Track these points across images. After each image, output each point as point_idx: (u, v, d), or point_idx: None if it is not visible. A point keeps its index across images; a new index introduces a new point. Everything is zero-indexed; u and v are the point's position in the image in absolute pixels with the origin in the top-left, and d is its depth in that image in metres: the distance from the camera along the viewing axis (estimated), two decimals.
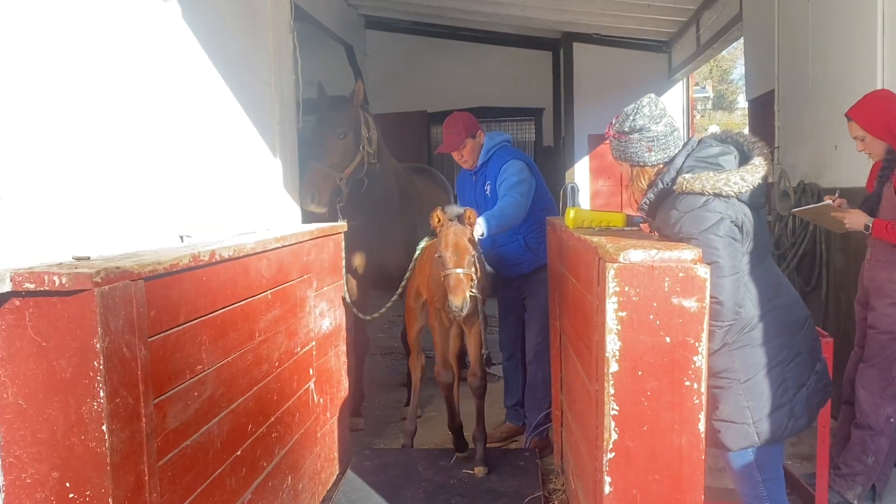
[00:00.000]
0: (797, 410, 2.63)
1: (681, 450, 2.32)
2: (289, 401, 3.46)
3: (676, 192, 2.62)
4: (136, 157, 2.81)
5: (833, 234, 5.10)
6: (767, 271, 2.68)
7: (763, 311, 2.61)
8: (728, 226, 2.51)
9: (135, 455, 2.07)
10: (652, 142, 2.70)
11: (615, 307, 2.30)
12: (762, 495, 2.72)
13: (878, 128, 3.66)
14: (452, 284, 3.57)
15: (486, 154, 4.53)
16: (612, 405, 2.33)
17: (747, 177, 2.54)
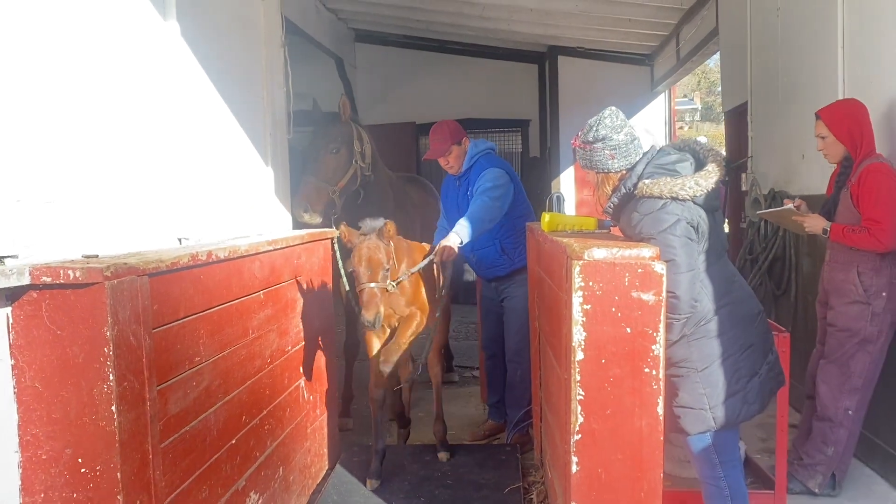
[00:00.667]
0: (750, 397, 2.84)
1: (641, 431, 2.53)
2: (280, 396, 3.65)
3: (637, 196, 2.84)
4: (138, 164, 3.02)
5: (801, 240, 5.34)
6: (722, 269, 2.89)
7: (718, 306, 2.82)
8: (684, 226, 2.73)
9: (140, 435, 2.27)
10: (614, 150, 2.91)
11: (580, 300, 2.52)
12: (719, 476, 2.94)
13: (841, 131, 3.88)
14: (365, 299, 3.56)
15: (470, 160, 4.75)
16: (579, 391, 2.54)
17: (701, 182, 2.76)
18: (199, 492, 2.71)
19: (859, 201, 3.73)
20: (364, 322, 3.55)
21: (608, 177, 2.99)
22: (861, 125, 3.82)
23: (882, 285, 3.77)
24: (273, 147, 4.44)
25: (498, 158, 4.83)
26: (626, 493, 2.55)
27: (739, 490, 2.98)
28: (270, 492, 3.46)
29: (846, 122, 3.85)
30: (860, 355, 3.85)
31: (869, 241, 3.65)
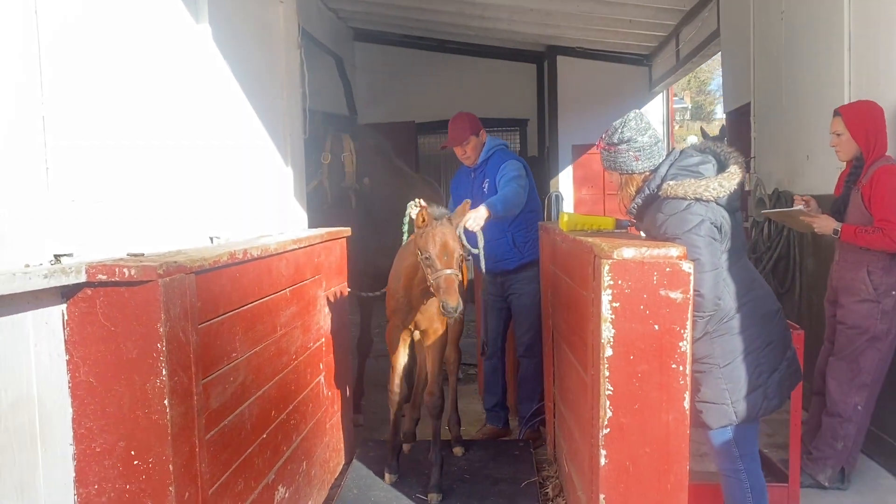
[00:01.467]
0: (770, 392, 2.94)
1: (668, 426, 2.62)
2: (304, 392, 3.73)
3: (662, 198, 2.94)
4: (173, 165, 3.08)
5: (805, 239, 5.45)
6: (743, 268, 2.99)
7: (739, 304, 2.92)
8: (708, 227, 2.82)
9: (189, 429, 2.34)
10: (639, 152, 3.02)
11: (609, 298, 2.60)
12: (740, 469, 3.03)
13: (858, 130, 3.97)
14: (445, 285, 3.42)
15: (487, 153, 4.86)
16: (608, 386, 2.63)
17: (725, 183, 2.86)
18: (235, 485, 2.78)
19: (871, 202, 3.82)
20: (447, 309, 3.40)
21: (632, 178, 3.08)
22: (878, 127, 3.92)
23: (892, 284, 3.88)
24: (292, 147, 4.51)
25: (515, 154, 4.94)
26: (654, 486, 2.63)
27: (758, 482, 3.07)
28: (295, 486, 3.53)
29: (865, 122, 3.95)
30: (869, 352, 3.95)
31: (883, 241, 3.75)
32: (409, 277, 3.78)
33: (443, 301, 3.41)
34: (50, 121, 2.26)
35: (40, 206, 2.21)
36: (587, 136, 11.87)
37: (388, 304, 4.04)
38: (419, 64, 12.21)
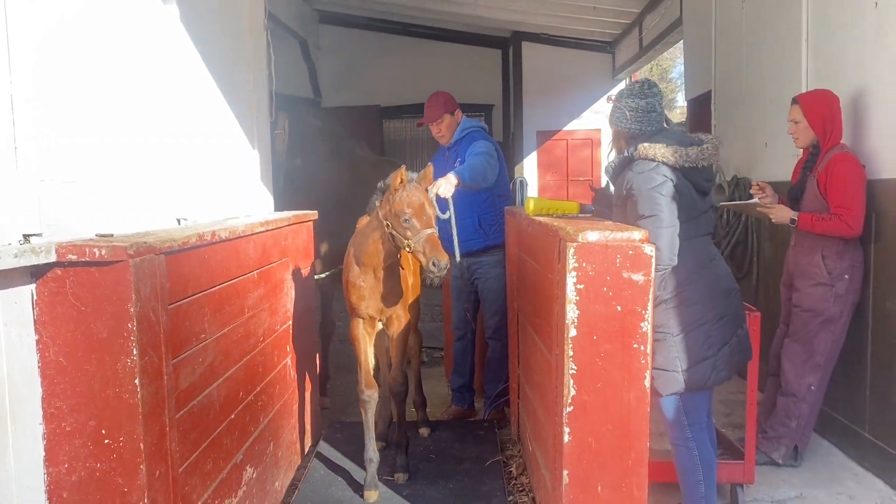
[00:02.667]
0: (720, 364, 3.09)
1: (630, 404, 2.71)
2: (271, 374, 3.75)
3: (635, 159, 3.13)
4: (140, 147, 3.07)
5: (763, 225, 5.59)
6: (704, 245, 3.15)
7: (696, 277, 3.09)
8: (670, 187, 3.02)
9: (159, 408, 2.36)
10: (633, 112, 3.22)
11: (574, 280, 2.67)
12: (688, 437, 3.19)
13: (815, 118, 4.08)
14: (431, 244, 3.34)
15: (462, 132, 4.94)
16: (572, 365, 2.70)
17: (692, 154, 3.06)
18: (205, 464, 2.80)
19: (827, 189, 3.95)
20: (440, 266, 3.30)
21: (619, 136, 3.30)
22: (834, 115, 4.04)
23: (845, 268, 4.02)
24: (259, 130, 4.50)
25: (489, 136, 4.99)
26: (616, 462, 2.72)
27: (707, 452, 3.22)
28: (263, 466, 3.56)
29: (822, 110, 4.06)
30: (823, 334, 4.09)
31: (840, 227, 3.88)
32: (376, 256, 3.66)
33: (432, 259, 3.31)
34: (18, 101, 2.26)
35: (9, 187, 2.21)
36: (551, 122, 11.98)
37: (349, 298, 3.86)
38: (384, 48, 12.18)
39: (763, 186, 4.28)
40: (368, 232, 3.68)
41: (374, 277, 3.75)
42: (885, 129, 4.04)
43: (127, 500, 2.27)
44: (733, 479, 3.73)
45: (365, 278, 3.76)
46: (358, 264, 3.76)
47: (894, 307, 3.93)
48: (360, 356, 3.94)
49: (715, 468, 3.27)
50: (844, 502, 3.85)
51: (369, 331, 3.94)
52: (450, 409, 5.25)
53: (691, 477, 3.22)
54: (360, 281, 3.77)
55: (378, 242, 3.61)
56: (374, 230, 3.62)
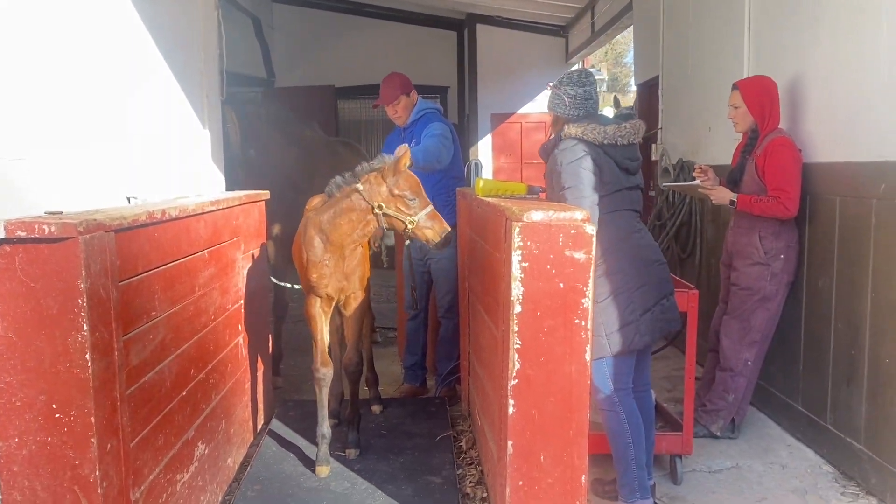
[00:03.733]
0: (642, 329, 3.26)
1: (571, 376, 2.81)
2: (223, 352, 3.78)
3: (562, 138, 3.33)
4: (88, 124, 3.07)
5: (706, 206, 5.77)
6: (627, 219, 3.34)
7: (619, 247, 3.28)
8: (590, 162, 3.23)
9: (110, 382, 2.39)
10: (571, 99, 3.38)
11: (519, 258, 2.76)
12: (615, 401, 3.35)
13: (754, 104, 4.24)
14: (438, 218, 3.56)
15: (417, 113, 4.99)
16: (516, 340, 2.80)
17: (609, 130, 3.26)
18: (156, 439, 2.84)
19: (765, 172, 4.11)
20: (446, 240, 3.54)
21: (558, 121, 3.45)
22: (772, 100, 4.20)
23: (781, 248, 4.19)
24: (210, 109, 4.50)
25: (444, 118, 5.05)
26: (558, 432, 2.83)
27: (633, 415, 3.38)
28: (215, 442, 3.60)
29: (760, 96, 4.22)
30: (760, 312, 4.27)
31: (777, 209, 4.04)
32: (350, 235, 3.64)
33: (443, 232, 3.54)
34: None
35: None
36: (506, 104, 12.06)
37: (308, 276, 3.81)
38: (339, 28, 12.12)
39: (705, 170, 4.43)
40: (342, 211, 3.63)
41: (339, 256, 3.75)
42: (819, 115, 4.21)
43: (78, 473, 2.31)
44: (672, 450, 3.89)
45: (330, 257, 3.74)
46: (324, 242, 3.72)
47: (826, 286, 4.12)
48: (315, 334, 3.96)
49: (643, 431, 3.41)
50: (777, 472, 4.04)
51: (325, 310, 3.96)
52: (402, 386, 5.33)
53: (620, 439, 3.37)
54: (325, 259, 3.75)
55: (356, 223, 3.61)
56: (350, 210, 3.59)
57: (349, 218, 3.61)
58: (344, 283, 3.84)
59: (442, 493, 3.59)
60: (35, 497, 2.31)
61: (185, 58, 4.22)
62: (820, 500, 3.72)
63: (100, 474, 2.32)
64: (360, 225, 3.62)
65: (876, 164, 3.65)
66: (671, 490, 3.84)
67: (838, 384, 4.02)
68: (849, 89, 3.91)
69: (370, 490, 3.63)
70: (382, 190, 3.53)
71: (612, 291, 3.25)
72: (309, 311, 3.95)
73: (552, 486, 2.84)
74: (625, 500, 3.40)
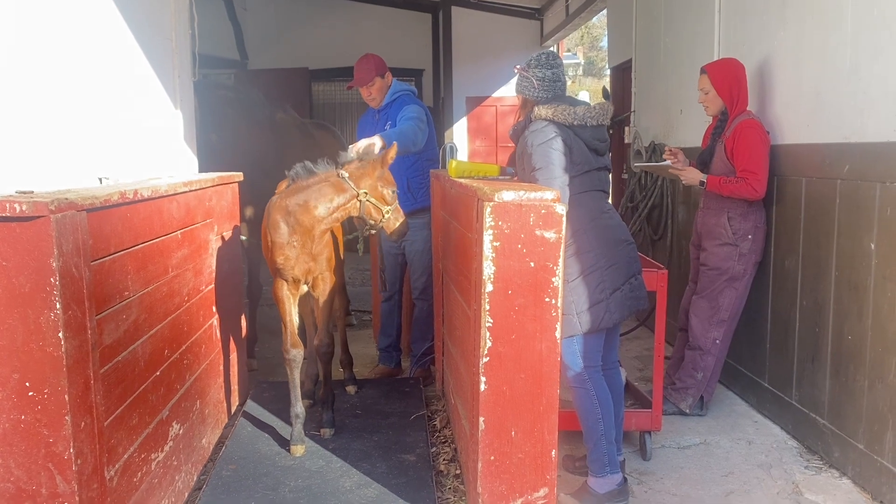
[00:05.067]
0: (612, 307, 3.33)
1: (541, 353, 2.87)
2: (196, 333, 3.80)
3: (532, 120, 3.38)
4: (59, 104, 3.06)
5: (677, 188, 5.85)
6: (597, 199, 3.40)
7: (589, 227, 3.33)
8: (560, 143, 3.28)
9: (83, 361, 2.41)
10: (540, 81, 3.42)
11: (491, 238, 2.80)
12: (585, 379, 3.40)
13: (722, 87, 4.31)
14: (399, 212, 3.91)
15: (392, 95, 5.00)
16: (488, 319, 2.84)
17: (579, 112, 3.32)
18: (130, 418, 2.86)
19: (734, 154, 4.18)
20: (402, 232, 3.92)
21: (527, 104, 3.49)
22: (740, 83, 4.27)
23: (748, 229, 4.28)
24: (182, 90, 4.49)
25: (419, 100, 5.07)
26: (528, 408, 2.88)
27: (602, 392, 3.44)
28: (189, 423, 3.63)
29: (728, 79, 4.29)
30: (728, 291, 4.36)
31: (745, 190, 4.12)
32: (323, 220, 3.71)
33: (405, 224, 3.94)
34: None
35: None
36: (481, 88, 12.08)
37: (273, 259, 3.83)
38: (313, 9, 12.04)
39: (675, 152, 4.50)
40: (320, 195, 3.67)
41: (307, 239, 3.77)
42: (786, 98, 4.29)
43: (52, 451, 2.33)
44: (642, 426, 3.97)
45: (298, 239, 3.77)
46: (291, 226, 3.73)
47: (793, 265, 4.21)
48: (284, 317, 4.00)
49: (612, 408, 3.48)
50: (743, 447, 4.14)
51: (293, 292, 4.00)
52: (377, 367, 5.37)
53: (590, 415, 3.43)
54: (292, 241, 3.77)
55: (335, 207, 3.72)
56: (331, 194, 3.69)
57: (328, 201, 3.70)
58: (311, 264, 3.89)
59: (416, 470, 3.64)
60: (9, 474, 2.33)
61: (157, 38, 4.20)
62: (784, 473, 3.82)
63: (74, 452, 2.34)
64: (338, 209, 3.73)
65: (840, 145, 3.74)
66: (640, 466, 3.92)
67: (803, 362, 4.12)
68: (814, 73, 3.99)
69: (345, 468, 3.67)
70: (368, 180, 3.74)
71: (583, 271, 3.31)
72: (277, 294, 3.98)
73: (523, 460, 2.90)
74: (594, 475, 3.48)
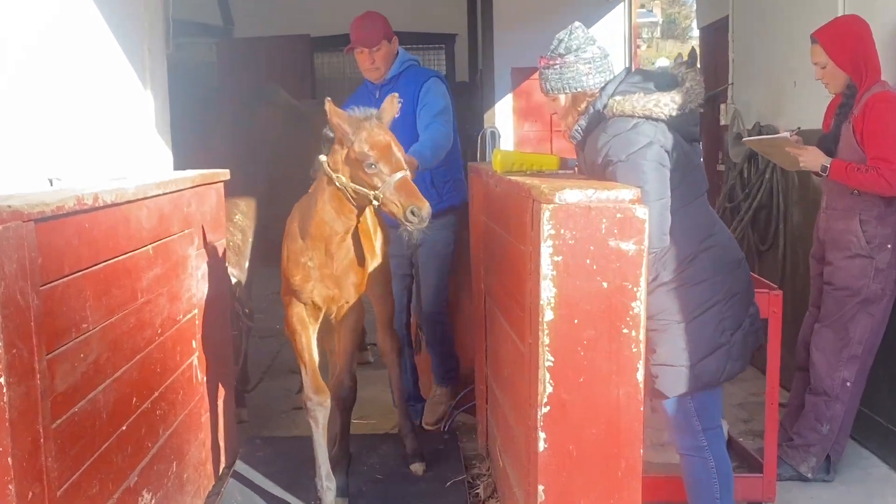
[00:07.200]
0: (734, 352, 3.23)
1: (619, 401, 2.83)
2: (172, 375, 3.83)
3: (607, 117, 3.20)
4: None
5: (791, 183, 5.76)
6: (702, 209, 3.29)
7: (700, 249, 3.21)
8: (657, 150, 3.09)
9: (31, 413, 2.43)
10: (589, 64, 3.27)
11: (550, 251, 2.77)
12: (703, 446, 3.31)
13: (842, 57, 4.23)
14: (407, 189, 3.46)
15: (400, 66, 4.92)
16: (547, 356, 2.81)
17: (678, 98, 3.14)
18: (89, 486, 2.88)
19: (864, 137, 4.10)
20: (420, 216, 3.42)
21: (578, 98, 3.32)
22: (866, 48, 4.17)
23: (887, 236, 4.18)
24: (152, 65, 4.53)
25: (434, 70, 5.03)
26: (601, 472, 2.85)
27: (724, 462, 3.37)
28: (164, 491, 3.64)
29: (848, 46, 4.20)
30: (861, 318, 4.26)
31: (877, 183, 4.01)
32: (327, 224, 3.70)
33: (410, 208, 3.42)
34: None
35: None
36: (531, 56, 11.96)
37: (290, 278, 3.87)
38: None
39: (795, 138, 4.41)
40: (315, 194, 3.73)
41: (324, 253, 3.78)
42: None
43: None
44: (750, 496, 3.92)
45: (313, 254, 3.78)
46: (303, 237, 3.78)
47: None
48: (302, 353, 3.98)
49: (732, 482, 3.41)
50: None
51: (312, 321, 3.98)
52: None
53: (706, 491, 3.35)
54: (305, 258, 3.79)
55: (328, 204, 3.66)
56: (321, 191, 3.68)
57: (322, 200, 3.67)
58: (335, 287, 3.86)
59: None
60: None
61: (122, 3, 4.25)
62: None
63: None
64: (336, 206, 3.64)
65: None
66: None
67: None
68: None
69: None
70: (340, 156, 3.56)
71: (697, 307, 3.20)
72: (290, 323, 3.97)
73: None
74: None
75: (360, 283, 3.97)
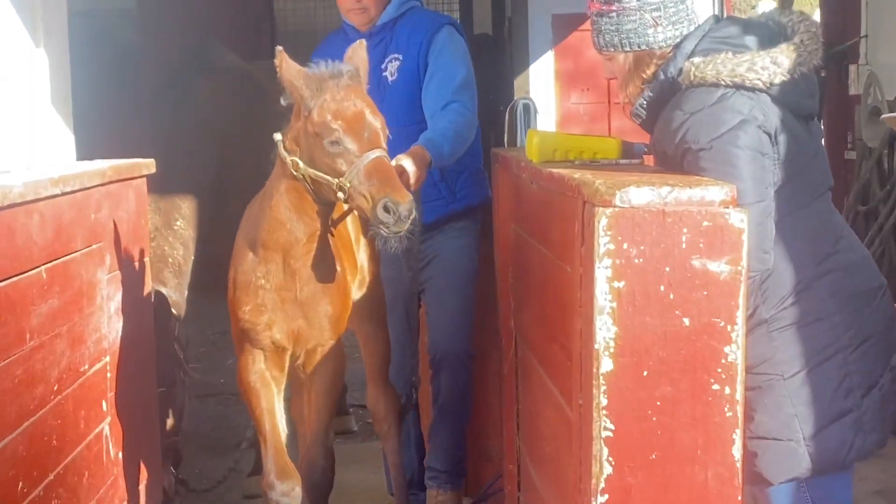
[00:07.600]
0: (867, 420, 3.18)
1: (707, 487, 2.81)
2: (74, 450, 3.82)
3: (683, 87, 3.14)
4: None
5: None
6: (822, 215, 3.25)
7: (815, 274, 3.17)
8: (754, 132, 3.03)
9: None
10: (658, 12, 3.22)
11: (608, 275, 2.76)
12: None
13: None
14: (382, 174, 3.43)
15: (399, 8, 4.96)
16: (605, 423, 2.80)
17: (782, 59, 3.06)
18: None
19: None
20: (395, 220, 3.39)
21: (643, 59, 3.29)
22: None
23: None
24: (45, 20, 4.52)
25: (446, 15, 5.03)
26: None
27: None
28: None
29: None
30: None
31: None
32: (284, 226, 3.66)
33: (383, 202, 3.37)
34: None
35: None
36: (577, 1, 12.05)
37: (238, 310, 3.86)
38: None
39: None
40: (269, 188, 3.73)
41: (282, 268, 3.74)
42: None
43: None
44: None
45: (268, 271, 3.75)
46: (254, 248, 3.76)
47: None
48: (261, 421, 3.94)
49: None
50: None
51: (276, 372, 3.96)
52: None
53: None
54: (258, 276, 3.76)
55: (284, 198, 3.64)
56: (276, 181, 3.67)
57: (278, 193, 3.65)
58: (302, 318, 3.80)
59: None
60: None
61: None
62: None
63: None
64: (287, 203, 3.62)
65: None
66: None
67: None
68: None
69: None
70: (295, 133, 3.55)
71: (813, 356, 3.16)
72: (244, 378, 3.93)
73: None
74: None
75: (339, 316, 3.93)
